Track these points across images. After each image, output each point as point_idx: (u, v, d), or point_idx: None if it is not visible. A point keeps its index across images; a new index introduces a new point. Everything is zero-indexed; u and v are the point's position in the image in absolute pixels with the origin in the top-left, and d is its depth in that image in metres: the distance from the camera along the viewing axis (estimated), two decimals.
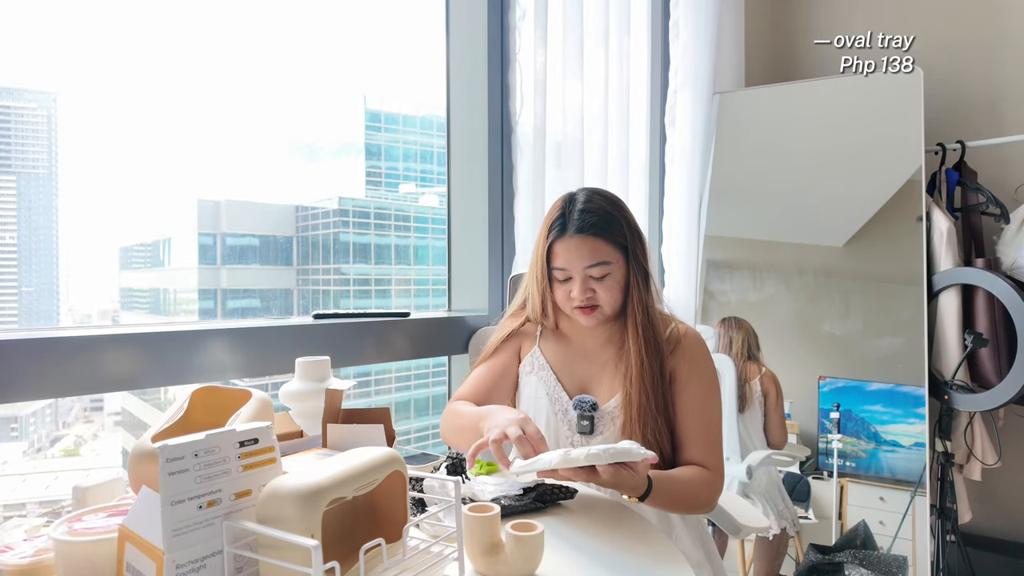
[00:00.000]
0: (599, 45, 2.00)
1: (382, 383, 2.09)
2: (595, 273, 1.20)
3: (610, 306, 1.22)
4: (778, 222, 2.33)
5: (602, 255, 1.20)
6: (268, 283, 1.90)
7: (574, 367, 1.28)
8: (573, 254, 1.20)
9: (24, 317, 1.65)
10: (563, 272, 1.21)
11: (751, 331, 2.28)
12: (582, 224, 1.20)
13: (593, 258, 1.19)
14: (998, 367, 2.04)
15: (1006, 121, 2.36)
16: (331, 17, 2.09)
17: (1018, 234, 2.10)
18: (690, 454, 1.18)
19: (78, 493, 0.86)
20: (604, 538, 0.94)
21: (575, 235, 1.20)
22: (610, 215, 1.22)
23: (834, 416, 2.15)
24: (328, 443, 1.11)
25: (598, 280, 1.20)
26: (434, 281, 2.09)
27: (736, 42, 2.51)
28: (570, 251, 1.20)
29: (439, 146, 1.93)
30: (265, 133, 1.99)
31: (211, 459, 0.63)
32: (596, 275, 1.20)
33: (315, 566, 0.56)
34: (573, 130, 1.91)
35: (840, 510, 2.13)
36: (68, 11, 1.59)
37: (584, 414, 1.21)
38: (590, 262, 1.19)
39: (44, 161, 1.69)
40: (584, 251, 1.19)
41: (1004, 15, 2.38)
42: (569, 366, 1.29)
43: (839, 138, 2.24)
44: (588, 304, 1.21)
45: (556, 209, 1.24)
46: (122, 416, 1.86)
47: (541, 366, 1.29)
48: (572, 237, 1.20)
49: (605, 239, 1.20)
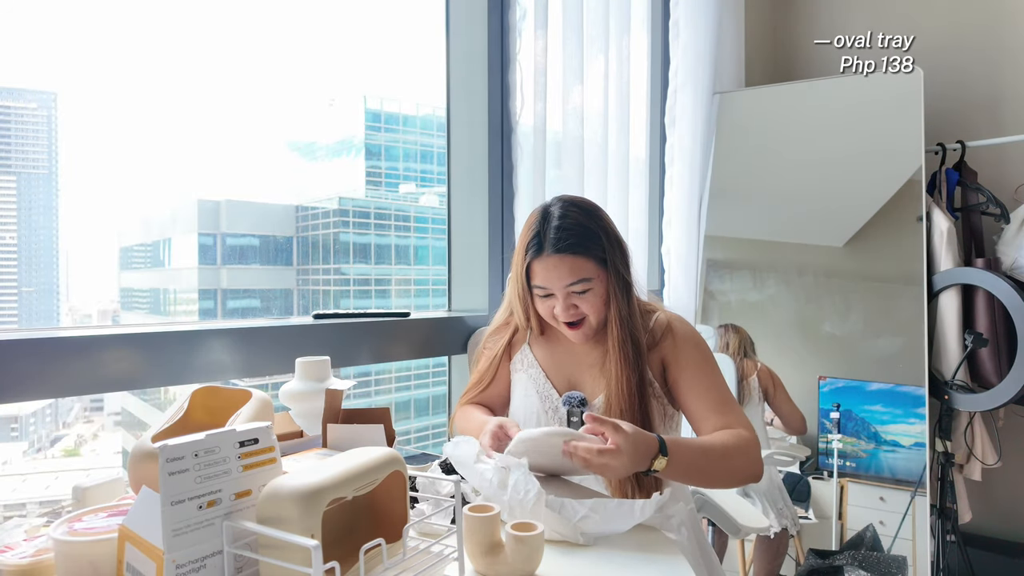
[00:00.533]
0: (599, 45, 2.00)
1: (382, 383, 2.09)
2: (576, 290, 1.18)
3: (596, 318, 1.22)
4: (778, 222, 2.33)
5: (582, 272, 1.17)
6: (268, 283, 1.90)
7: (562, 365, 1.30)
8: (552, 273, 1.17)
9: (24, 317, 1.65)
10: (543, 290, 1.20)
11: (747, 336, 2.30)
12: (559, 243, 1.17)
13: (573, 276, 1.17)
14: (998, 367, 2.04)
15: (1006, 121, 2.36)
16: (331, 17, 2.09)
17: (1018, 234, 2.10)
18: (711, 422, 1.16)
19: (78, 493, 0.86)
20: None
21: (553, 255, 1.17)
22: (587, 229, 1.19)
23: (834, 416, 2.15)
24: (328, 443, 1.11)
25: (580, 295, 1.19)
26: (434, 281, 2.09)
27: (736, 42, 2.51)
28: (549, 270, 1.18)
29: (439, 146, 1.93)
30: (265, 133, 1.99)
31: (211, 459, 0.63)
32: (578, 290, 1.19)
33: (315, 566, 0.56)
34: (573, 130, 1.91)
35: (840, 510, 2.13)
36: (68, 11, 1.59)
37: (573, 409, 1.21)
38: (570, 280, 1.17)
39: (44, 161, 1.69)
40: (563, 270, 1.17)
41: (1004, 15, 2.38)
42: (557, 364, 1.30)
43: (839, 138, 2.24)
44: (574, 320, 1.21)
45: (531, 227, 1.21)
46: (122, 416, 1.86)
47: (530, 364, 1.31)
48: (550, 256, 1.17)
49: (584, 256, 1.17)
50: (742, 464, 1.10)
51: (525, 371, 1.31)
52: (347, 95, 2.14)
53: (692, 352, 1.22)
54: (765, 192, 2.36)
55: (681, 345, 1.22)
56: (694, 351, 1.22)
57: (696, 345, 1.23)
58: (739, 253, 2.36)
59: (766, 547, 2.16)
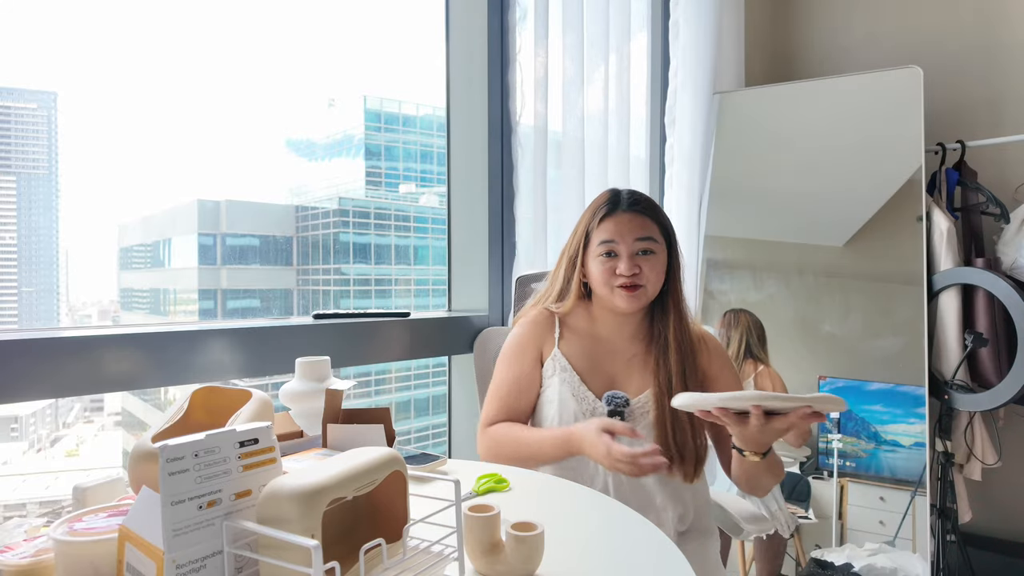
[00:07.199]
0: (599, 46, 2.00)
1: (382, 383, 2.09)
2: (643, 247, 1.22)
3: (653, 287, 1.24)
4: (778, 222, 2.33)
5: (651, 231, 1.24)
6: (268, 283, 1.89)
7: (600, 365, 1.28)
8: (624, 227, 1.23)
9: (24, 317, 1.65)
10: (609, 246, 1.23)
11: (750, 326, 2.27)
12: (633, 203, 1.26)
13: (643, 232, 1.23)
14: (998, 367, 2.04)
15: (1006, 121, 2.36)
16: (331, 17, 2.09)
17: (1018, 234, 2.10)
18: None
19: (78, 493, 0.86)
20: (604, 538, 0.94)
21: (627, 211, 1.25)
22: (657, 205, 1.29)
23: (834, 416, 2.15)
24: (328, 443, 1.11)
25: (644, 256, 1.22)
26: (434, 281, 2.09)
27: (736, 42, 2.51)
28: (621, 224, 1.23)
29: (439, 146, 1.93)
30: (265, 133, 1.99)
31: (211, 459, 0.63)
32: (643, 249, 1.22)
33: (315, 566, 0.56)
34: (573, 130, 1.91)
35: (840, 510, 2.13)
36: (68, 11, 1.59)
37: (616, 410, 1.20)
38: (640, 235, 1.23)
39: (44, 161, 1.69)
40: (635, 224, 1.23)
41: (1004, 15, 2.38)
42: (594, 365, 1.28)
43: (839, 138, 2.24)
44: (633, 283, 1.22)
45: (603, 196, 1.29)
46: (122, 416, 1.86)
47: (563, 368, 1.27)
48: (624, 213, 1.24)
49: (654, 219, 1.26)
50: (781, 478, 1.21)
51: (557, 375, 1.27)
52: (347, 95, 2.14)
53: (729, 369, 1.30)
54: (765, 192, 2.36)
55: (719, 359, 1.30)
56: (730, 369, 1.31)
57: (729, 361, 1.32)
58: (739, 253, 2.36)
59: (764, 548, 2.16)
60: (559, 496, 1.09)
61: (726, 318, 2.31)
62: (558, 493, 1.10)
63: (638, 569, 0.84)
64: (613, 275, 1.22)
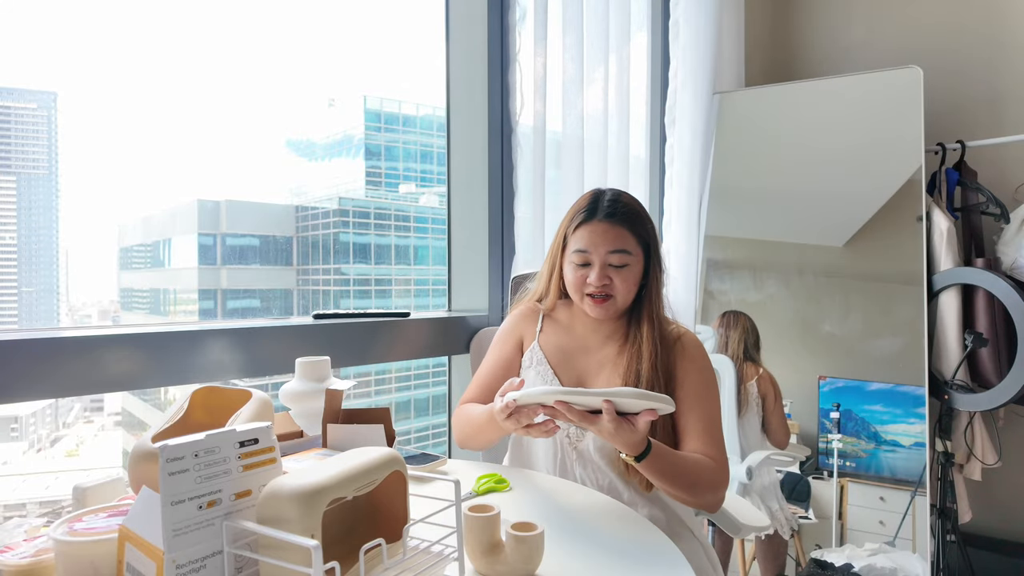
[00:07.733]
0: (599, 45, 2.00)
1: (382, 383, 2.10)
2: (615, 260, 1.21)
3: (623, 298, 1.23)
4: (778, 222, 2.33)
5: (625, 244, 1.21)
6: (268, 283, 1.90)
7: (572, 362, 1.29)
8: (598, 237, 1.21)
9: (24, 317, 1.65)
10: (582, 256, 1.22)
11: (748, 327, 2.27)
12: (611, 212, 1.22)
13: (616, 244, 1.20)
14: (998, 367, 2.04)
15: (1006, 121, 2.36)
16: (331, 17, 2.09)
17: (1018, 234, 2.10)
18: (691, 446, 1.18)
19: (78, 493, 0.86)
20: (604, 538, 0.94)
21: (603, 220, 1.21)
22: (637, 212, 1.25)
23: (834, 416, 2.15)
24: (328, 443, 1.11)
25: (616, 268, 1.21)
26: (434, 281, 2.09)
27: (736, 42, 2.51)
28: (595, 234, 1.21)
29: (439, 146, 1.93)
30: (265, 133, 1.99)
31: (211, 459, 0.63)
32: (616, 263, 1.21)
33: (315, 566, 0.56)
34: (573, 130, 1.91)
35: (840, 510, 2.13)
36: (68, 11, 1.59)
37: None
38: (613, 248, 1.20)
39: (44, 161, 1.69)
40: (609, 236, 1.21)
41: (1004, 15, 2.38)
42: (567, 360, 1.29)
43: (839, 138, 2.24)
44: (603, 293, 1.21)
45: (584, 199, 1.27)
46: (122, 416, 1.87)
47: (539, 360, 1.30)
48: (600, 222, 1.21)
49: (630, 230, 1.22)
50: (702, 487, 1.13)
51: (534, 367, 1.30)
52: (347, 95, 2.14)
53: (698, 373, 1.24)
54: (765, 192, 2.36)
55: (690, 362, 1.24)
56: (700, 373, 1.24)
57: (703, 368, 1.25)
58: (739, 253, 2.36)
59: (765, 548, 2.16)
60: (559, 496, 1.09)
61: (725, 318, 2.31)
62: (558, 493, 1.10)
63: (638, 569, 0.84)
64: (584, 283, 1.23)
